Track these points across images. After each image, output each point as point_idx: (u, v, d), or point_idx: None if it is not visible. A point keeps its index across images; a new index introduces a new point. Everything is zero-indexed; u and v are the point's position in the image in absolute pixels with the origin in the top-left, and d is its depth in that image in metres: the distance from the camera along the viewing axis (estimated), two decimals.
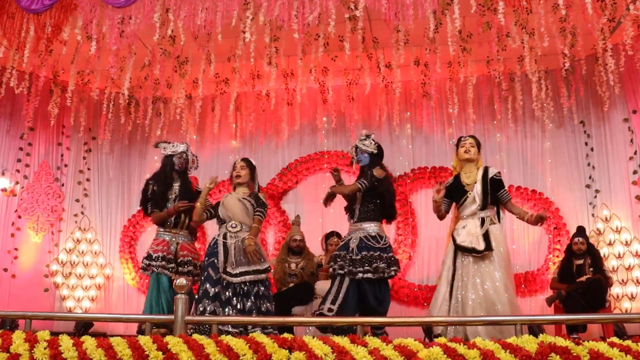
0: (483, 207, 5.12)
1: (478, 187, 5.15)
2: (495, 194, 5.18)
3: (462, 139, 5.46)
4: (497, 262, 4.92)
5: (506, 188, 5.35)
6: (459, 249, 5.04)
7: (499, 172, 5.31)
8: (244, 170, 5.72)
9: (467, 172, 5.31)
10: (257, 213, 5.55)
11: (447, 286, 5.02)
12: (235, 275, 5.28)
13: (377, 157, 5.68)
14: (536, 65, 7.23)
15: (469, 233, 5.01)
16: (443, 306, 4.96)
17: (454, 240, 5.11)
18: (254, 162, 5.87)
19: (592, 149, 8.15)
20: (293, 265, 6.66)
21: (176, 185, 6.17)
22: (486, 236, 4.95)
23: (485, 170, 5.26)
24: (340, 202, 8.75)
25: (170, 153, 6.20)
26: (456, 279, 4.99)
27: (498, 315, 4.61)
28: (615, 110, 7.79)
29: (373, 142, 5.71)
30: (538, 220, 5.13)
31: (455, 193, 5.32)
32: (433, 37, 6.73)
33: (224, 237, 5.47)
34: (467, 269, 4.96)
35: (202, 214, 5.69)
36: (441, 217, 5.48)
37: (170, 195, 6.10)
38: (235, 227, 5.46)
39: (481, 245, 4.90)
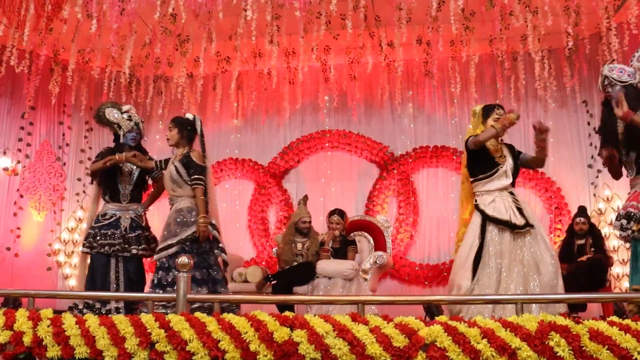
0: (512, 184, 4.98)
1: (510, 162, 4.97)
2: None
3: (496, 108, 5.05)
4: (542, 237, 4.77)
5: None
6: (495, 222, 4.74)
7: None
8: (172, 131, 5.19)
9: (492, 144, 5.01)
10: (195, 182, 4.96)
11: (471, 263, 4.74)
12: (160, 250, 4.92)
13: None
14: (539, 44, 7.19)
15: (507, 207, 4.78)
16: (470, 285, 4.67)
17: (483, 213, 4.81)
18: (185, 117, 5.27)
19: (594, 129, 8.11)
20: (299, 246, 6.66)
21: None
22: (521, 211, 4.78)
23: (512, 148, 5.13)
24: (340, 180, 8.81)
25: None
26: (488, 255, 4.71)
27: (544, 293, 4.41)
28: None
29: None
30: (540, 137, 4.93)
31: (482, 163, 4.99)
32: (436, 16, 6.70)
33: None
34: (509, 245, 4.69)
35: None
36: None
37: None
38: (171, 203, 5.10)
39: (520, 221, 4.71)
